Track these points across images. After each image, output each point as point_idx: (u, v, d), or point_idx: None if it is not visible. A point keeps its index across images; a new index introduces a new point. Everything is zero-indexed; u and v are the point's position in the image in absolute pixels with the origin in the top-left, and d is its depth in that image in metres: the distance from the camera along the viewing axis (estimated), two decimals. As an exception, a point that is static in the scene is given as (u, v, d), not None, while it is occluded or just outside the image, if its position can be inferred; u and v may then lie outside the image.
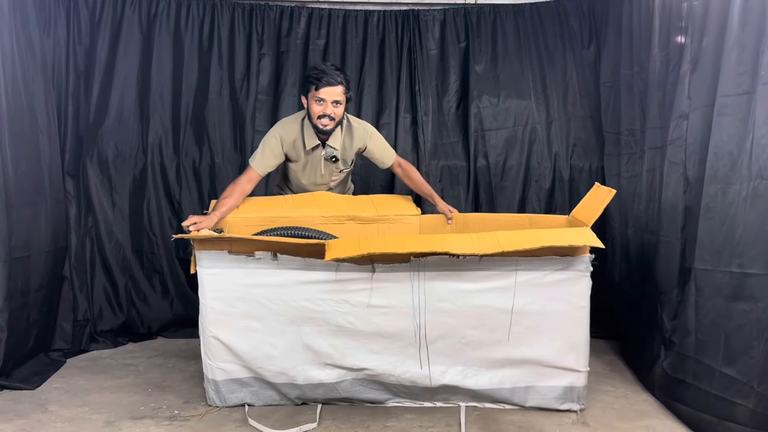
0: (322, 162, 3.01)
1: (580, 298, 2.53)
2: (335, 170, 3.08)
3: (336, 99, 2.84)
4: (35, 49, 3.18)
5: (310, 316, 2.52)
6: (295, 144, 2.97)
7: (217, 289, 2.52)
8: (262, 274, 2.50)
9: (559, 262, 2.48)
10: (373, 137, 3.07)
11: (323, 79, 2.81)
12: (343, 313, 2.51)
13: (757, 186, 2.14)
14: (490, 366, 2.57)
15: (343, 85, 2.84)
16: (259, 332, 2.54)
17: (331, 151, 2.98)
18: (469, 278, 2.49)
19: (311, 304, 2.51)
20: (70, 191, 3.55)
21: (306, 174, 3.07)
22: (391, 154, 3.15)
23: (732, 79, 2.28)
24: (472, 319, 2.52)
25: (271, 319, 2.53)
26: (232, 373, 2.60)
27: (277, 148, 2.95)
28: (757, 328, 2.12)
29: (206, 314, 2.55)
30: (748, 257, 2.18)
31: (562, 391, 2.58)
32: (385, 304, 2.50)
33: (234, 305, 2.52)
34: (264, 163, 2.94)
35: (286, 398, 2.64)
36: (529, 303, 2.51)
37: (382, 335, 2.53)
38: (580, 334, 2.55)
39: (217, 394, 2.62)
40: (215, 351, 2.57)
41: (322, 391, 2.61)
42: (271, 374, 2.58)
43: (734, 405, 2.17)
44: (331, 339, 2.54)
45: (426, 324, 2.52)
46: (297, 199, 3.06)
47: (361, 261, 2.45)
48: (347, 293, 2.50)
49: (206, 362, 2.60)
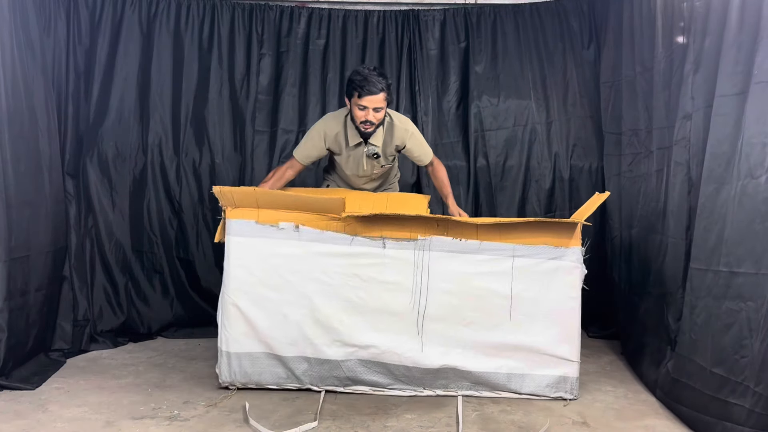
0: (364, 158, 3.11)
1: (572, 288, 2.68)
2: (377, 165, 3.17)
3: (377, 106, 2.92)
4: (35, 49, 3.18)
5: (323, 289, 2.71)
6: (338, 139, 3.08)
7: (241, 257, 2.72)
8: (284, 245, 2.71)
9: (553, 250, 2.65)
10: (413, 137, 3.13)
11: (365, 87, 2.88)
12: (353, 287, 2.71)
13: (746, 185, 2.14)
14: (487, 349, 2.71)
15: (384, 91, 2.92)
16: (275, 302, 2.72)
17: (372, 149, 3.07)
18: (470, 261, 2.68)
19: (325, 277, 2.71)
20: (70, 191, 3.55)
21: (349, 167, 3.17)
22: (429, 153, 3.21)
23: (729, 78, 2.28)
24: (472, 301, 2.70)
25: (286, 290, 2.72)
26: (245, 346, 2.74)
27: (319, 143, 3.07)
28: (749, 327, 2.11)
29: (229, 282, 2.73)
30: (736, 256, 2.18)
31: (556, 380, 2.72)
32: (393, 280, 2.70)
33: (255, 274, 2.72)
34: (305, 153, 3.09)
35: (293, 375, 2.76)
36: (524, 289, 2.68)
37: (388, 312, 2.71)
38: (572, 324, 2.71)
39: (229, 369, 2.75)
40: (233, 320, 2.73)
41: (328, 368, 2.74)
42: (282, 346, 2.73)
43: (730, 405, 2.16)
44: (340, 314, 2.71)
45: (429, 303, 2.70)
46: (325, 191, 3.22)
47: (373, 236, 2.69)
48: (359, 267, 2.70)
49: (222, 334, 2.76)
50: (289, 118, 3.93)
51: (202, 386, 2.89)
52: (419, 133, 3.20)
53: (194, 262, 3.84)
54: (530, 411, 2.62)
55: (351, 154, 3.11)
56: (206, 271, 3.82)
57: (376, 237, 2.69)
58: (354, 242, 2.69)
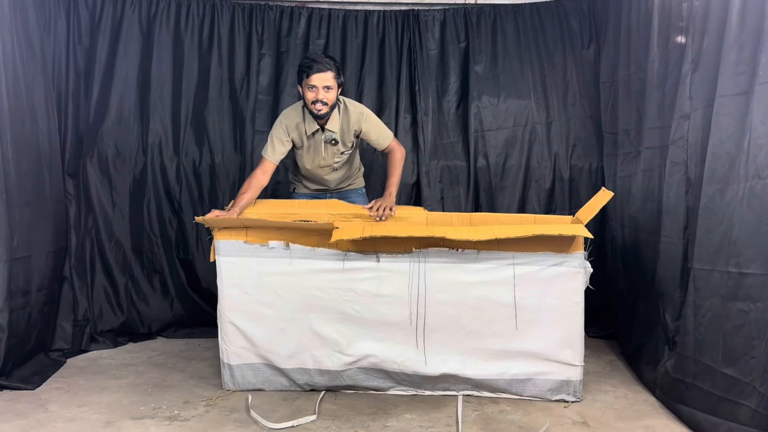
0: (323, 145, 3.12)
1: (574, 293, 2.64)
2: (336, 152, 3.17)
3: (327, 84, 2.95)
4: (35, 49, 3.18)
5: (318, 304, 2.70)
6: (298, 129, 3.11)
7: (234, 277, 2.72)
8: (275, 263, 2.70)
9: (554, 257, 2.60)
10: (367, 119, 3.13)
11: (313, 66, 2.93)
12: (349, 301, 2.69)
13: (753, 186, 2.14)
14: (488, 357, 2.69)
15: (332, 70, 2.95)
16: (272, 319, 2.73)
17: (330, 135, 3.10)
18: (468, 270, 2.64)
19: (320, 293, 2.70)
20: (70, 191, 3.56)
21: (310, 157, 3.18)
22: (388, 137, 3.18)
23: (731, 79, 2.27)
24: (471, 310, 2.66)
25: (282, 307, 2.72)
26: (245, 359, 2.77)
27: (284, 135, 3.10)
28: (757, 327, 2.12)
29: (224, 301, 2.75)
30: (745, 257, 2.18)
31: (559, 384, 2.69)
32: (389, 293, 2.67)
33: (249, 292, 2.72)
34: (274, 150, 3.09)
35: (296, 384, 2.79)
36: (526, 296, 2.64)
37: (386, 323, 2.69)
38: (575, 328, 2.67)
39: (232, 379, 2.80)
40: (231, 336, 2.75)
41: (328, 378, 2.75)
42: (282, 359, 2.75)
43: (738, 405, 2.17)
44: (338, 326, 2.71)
45: (427, 314, 2.67)
46: (309, 202, 3.16)
47: (366, 250, 2.65)
48: (353, 282, 2.68)
49: (222, 347, 2.79)
50: (289, 117, 3.92)
51: (202, 386, 2.89)
52: (375, 116, 3.19)
53: (194, 262, 3.84)
54: (530, 411, 2.62)
55: (311, 144, 3.13)
56: (206, 271, 3.81)
57: (369, 252, 2.66)
58: (347, 257, 2.67)
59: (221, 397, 2.74)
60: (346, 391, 2.80)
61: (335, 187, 3.33)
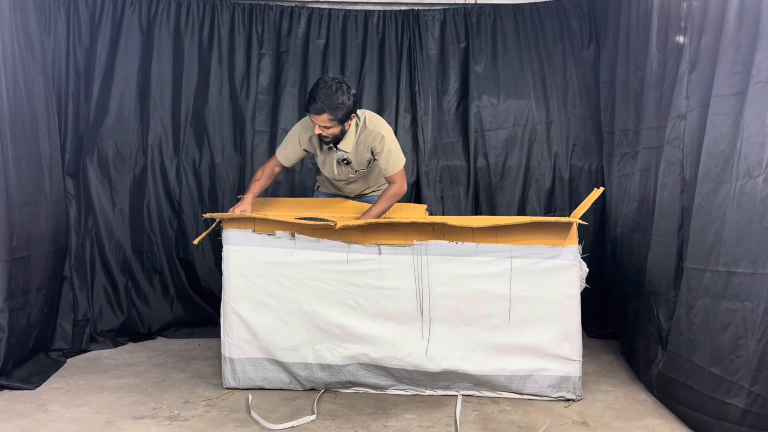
0: (335, 163, 3.03)
1: (570, 287, 2.69)
2: (350, 171, 3.06)
3: (323, 125, 2.80)
4: (35, 49, 3.18)
5: (321, 295, 2.74)
6: (312, 142, 3.02)
7: (240, 266, 2.77)
8: (280, 253, 2.75)
9: (550, 250, 2.67)
10: (383, 142, 2.91)
11: (310, 107, 2.78)
12: (351, 293, 2.73)
13: (744, 185, 2.14)
14: (488, 351, 2.71)
15: (326, 113, 2.75)
16: (275, 309, 2.76)
17: (342, 155, 2.98)
18: (467, 263, 2.69)
19: (323, 284, 2.74)
20: (70, 191, 3.56)
21: (326, 169, 3.11)
22: (395, 166, 2.95)
23: (726, 78, 2.28)
24: (471, 303, 2.70)
25: (286, 298, 2.76)
26: (247, 352, 2.78)
27: (296, 144, 3.03)
28: (744, 327, 2.11)
29: (229, 290, 2.78)
30: (733, 256, 2.18)
31: (559, 381, 2.71)
32: (390, 286, 2.72)
33: (254, 282, 2.76)
34: (284, 154, 3.05)
35: (296, 380, 2.79)
36: (523, 289, 2.69)
37: (387, 317, 2.73)
38: (572, 323, 2.71)
39: (233, 374, 2.80)
40: (234, 328, 2.78)
41: (329, 373, 2.77)
42: (283, 353, 2.76)
43: (726, 405, 2.16)
44: (339, 319, 2.74)
45: (428, 307, 2.71)
46: (318, 202, 3.19)
47: (368, 243, 2.71)
48: (355, 274, 2.72)
49: (224, 340, 2.81)
50: (289, 118, 3.92)
51: (202, 386, 2.89)
52: (394, 141, 2.97)
53: (194, 262, 3.84)
54: (530, 411, 2.62)
55: (325, 158, 3.05)
56: (206, 271, 3.82)
57: (371, 244, 2.71)
58: (350, 249, 2.72)
59: (221, 397, 2.74)
60: (345, 391, 2.80)
61: (355, 195, 3.22)
